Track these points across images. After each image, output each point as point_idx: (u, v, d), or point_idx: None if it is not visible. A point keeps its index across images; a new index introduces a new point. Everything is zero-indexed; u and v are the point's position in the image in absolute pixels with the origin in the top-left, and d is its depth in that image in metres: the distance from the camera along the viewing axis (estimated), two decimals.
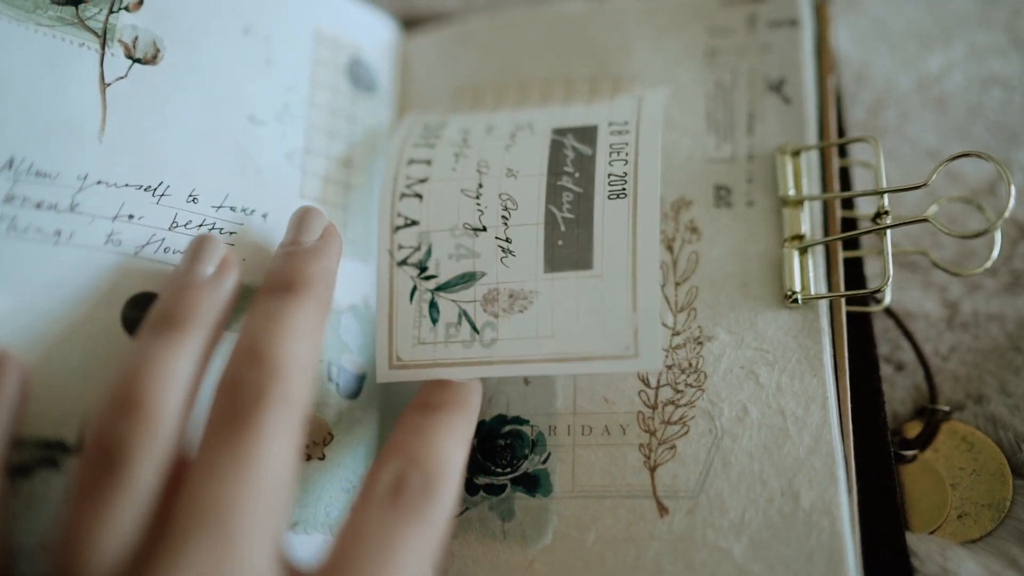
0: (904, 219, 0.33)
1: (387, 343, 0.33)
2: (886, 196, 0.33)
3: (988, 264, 0.34)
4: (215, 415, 0.25)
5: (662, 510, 0.32)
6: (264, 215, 0.33)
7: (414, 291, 0.33)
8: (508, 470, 0.34)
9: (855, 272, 0.35)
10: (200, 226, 0.32)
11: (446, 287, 0.33)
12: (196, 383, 0.27)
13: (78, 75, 0.30)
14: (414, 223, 0.34)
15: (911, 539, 0.31)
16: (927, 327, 0.37)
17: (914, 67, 0.41)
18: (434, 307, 0.32)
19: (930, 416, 0.35)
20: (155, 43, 0.32)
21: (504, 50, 0.40)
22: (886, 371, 0.36)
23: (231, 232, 0.32)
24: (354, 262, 0.36)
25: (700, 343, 0.34)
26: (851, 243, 0.35)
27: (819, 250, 0.34)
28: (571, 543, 0.32)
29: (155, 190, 0.31)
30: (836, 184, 0.35)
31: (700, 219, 0.35)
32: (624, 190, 0.32)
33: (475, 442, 0.34)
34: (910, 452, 0.34)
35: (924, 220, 0.32)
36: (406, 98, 0.41)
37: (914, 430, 0.35)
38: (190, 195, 0.32)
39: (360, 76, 0.38)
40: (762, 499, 0.31)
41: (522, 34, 0.40)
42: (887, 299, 0.34)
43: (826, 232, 0.35)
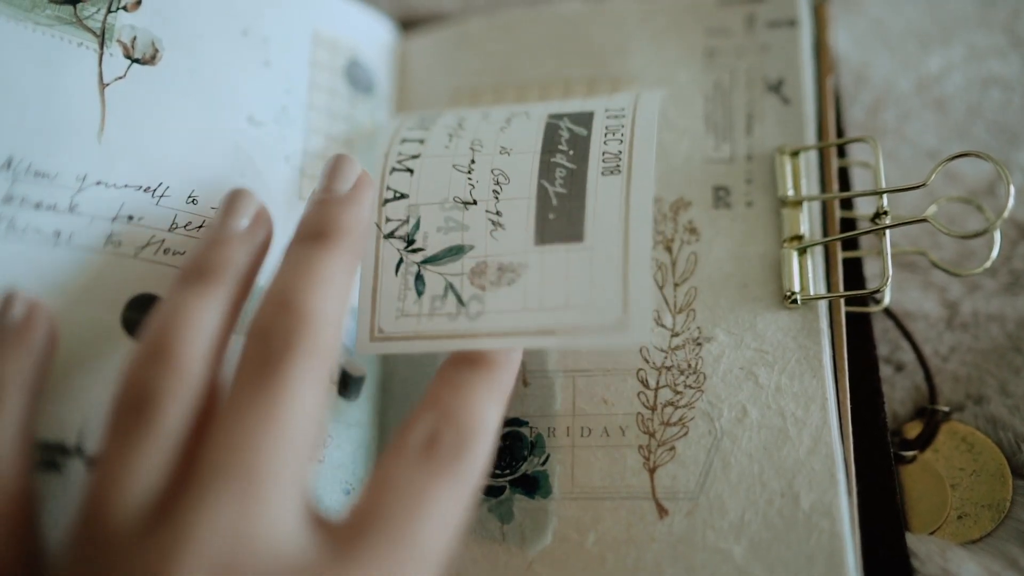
0: (903, 219, 0.33)
1: (369, 314, 0.32)
2: (885, 196, 0.33)
3: (987, 264, 0.34)
4: (244, 363, 0.25)
5: (662, 511, 0.32)
6: None
7: (400, 264, 0.32)
8: (507, 472, 0.33)
9: (854, 272, 0.35)
10: (200, 227, 0.32)
11: (433, 260, 0.32)
12: (226, 334, 0.27)
13: (77, 75, 0.30)
14: (403, 196, 0.33)
15: (911, 540, 0.31)
16: (927, 327, 0.37)
17: (913, 68, 0.41)
18: (420, 280, 0.31)
19: (930, 417, 0.35)
20: (154, 43, 0.32)
21: (502, 51, 0.40)
22: (886, 372, 0.36)
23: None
24: None
25: (699, 344, 0.34)
26: (850, 243, 0.35)
27: (818, 250, 0.34)
28: (571, 545, 0.32)
29: (155, 191, 0.31)
30: (835, 184, 0.35)
31: (699, 220, 0.35)
32: (618, 167, 0.31)
33: None
34: (910, 453, 0.34)
35: (923, 220, 0.32)
36: (404, 99, 0.41)
37: (914, 431, 0.35)
38: (190, 196, 0.32)
39: (358, 78, 0.38)
40: (762, 500, 0.31)
41: (520, 35, 0.40)
42: (886, 299, 0.34)
43: (825, 232, 0.35)
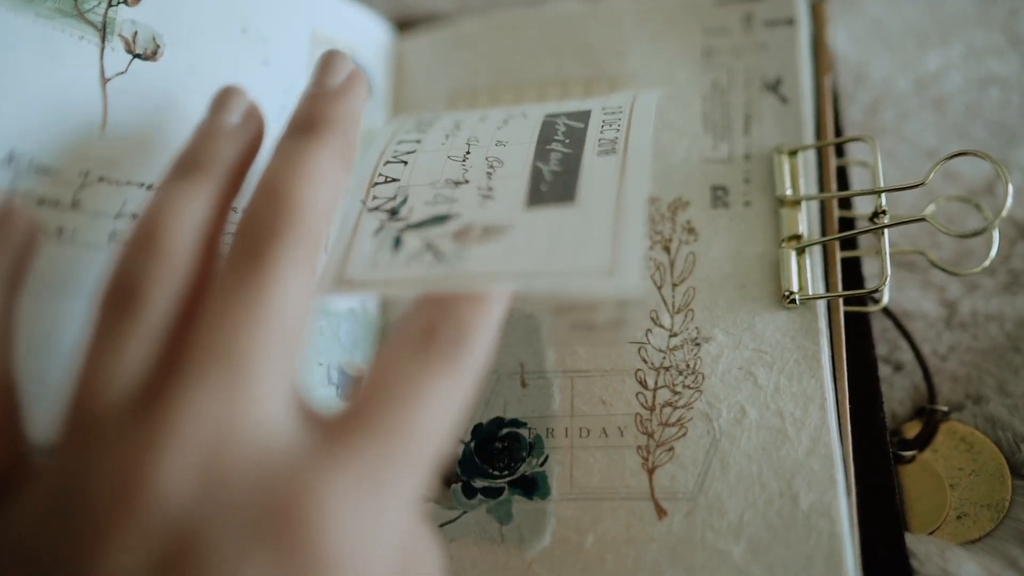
0: (902, 219, 0.33)
1: (337, 264, 0.29)
2: (884, 195, 0.33)
3: (986, 263, 0.34)
4: (232, 253, 0.25)
5: (661, 512, 0.31)
6: None
7: (380, 229, 0.30)
8: (506, 473, 0.33)
9: (853, 272, 0.35)
10: None
11: (416, 226, 0.30)
12: (216, 227, 0.27)
13: (78, 69, 0.30)
14: (394, 180, 0.32)
15: (910, 540, 0.31)
16: (925, 327, 0.37)
17: (912, 67, 0.41)
18: (398, 241, 0.29)
19: (929, 416, 0.35)
20: (155, 39, 0.32)
21: (499, 52, 0.40)
22: (884, 371, 0.36)
23: (231, 232, 0.32)
24: None
25: (698, 344, 0.33)
26: (849, 243, 0.35)
27: (817, 250, 0.34)
28: (570, 545, 0.32)
29: None
30: (833, 184, 0.35)
31: (697, 220, 0.35)
32: (614, 148, 0.31)
33: (472, 445, 0.34)
34: (909, 453, 0.34)
35: (922, 219, 0.32)
36: (400, 100, 0.41)
37: (913, 430, 0.35)
38: None
39: None
40: (761, 501, 0.31)
41: (517, 35, 0.40)
42: (885, 299, 0.34)
43: (824, 232, 0.35)
